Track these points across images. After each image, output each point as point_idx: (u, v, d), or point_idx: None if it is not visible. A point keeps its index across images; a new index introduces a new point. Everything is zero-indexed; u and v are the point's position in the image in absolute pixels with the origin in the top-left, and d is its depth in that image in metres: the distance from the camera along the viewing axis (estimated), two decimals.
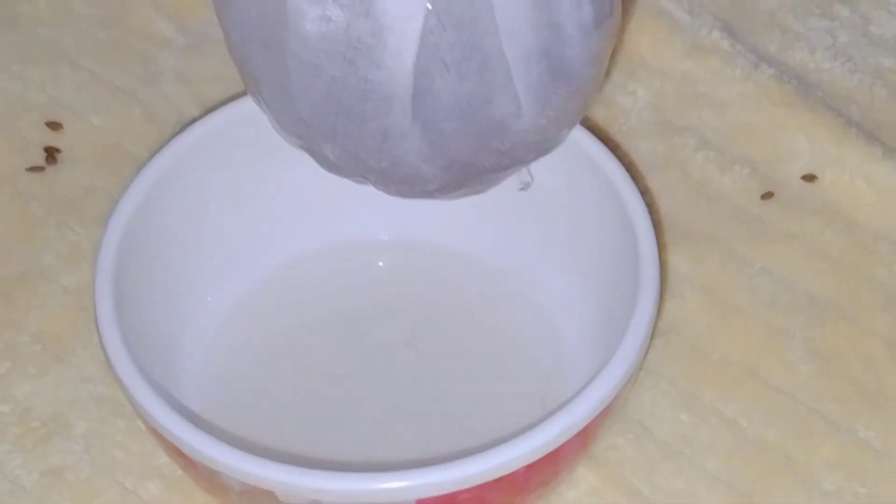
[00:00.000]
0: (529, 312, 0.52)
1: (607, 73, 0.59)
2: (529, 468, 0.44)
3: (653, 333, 0.47)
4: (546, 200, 0.50)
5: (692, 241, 0.54)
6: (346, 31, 0.45)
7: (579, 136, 0.50)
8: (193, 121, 0.52)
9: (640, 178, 0.56)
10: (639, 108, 0.58)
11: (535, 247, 0.52)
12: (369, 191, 0.49)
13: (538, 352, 0.51)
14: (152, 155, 0.51)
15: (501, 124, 0.47)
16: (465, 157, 0.47)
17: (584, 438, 0.45)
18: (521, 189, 0.50)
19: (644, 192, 0.54)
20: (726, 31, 0.60)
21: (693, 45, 0.59)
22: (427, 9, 0.44)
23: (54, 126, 0.58)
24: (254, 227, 0.52)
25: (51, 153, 0.57)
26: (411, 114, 0.46)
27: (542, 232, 0.51)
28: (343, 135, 0.46)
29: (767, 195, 0.56)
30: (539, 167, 0.50)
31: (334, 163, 0.48)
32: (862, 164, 0.56)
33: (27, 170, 0.56)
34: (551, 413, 0.44)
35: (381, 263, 0.53)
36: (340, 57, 0.45)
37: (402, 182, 0.48)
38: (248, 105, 0.49)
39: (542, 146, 0.48)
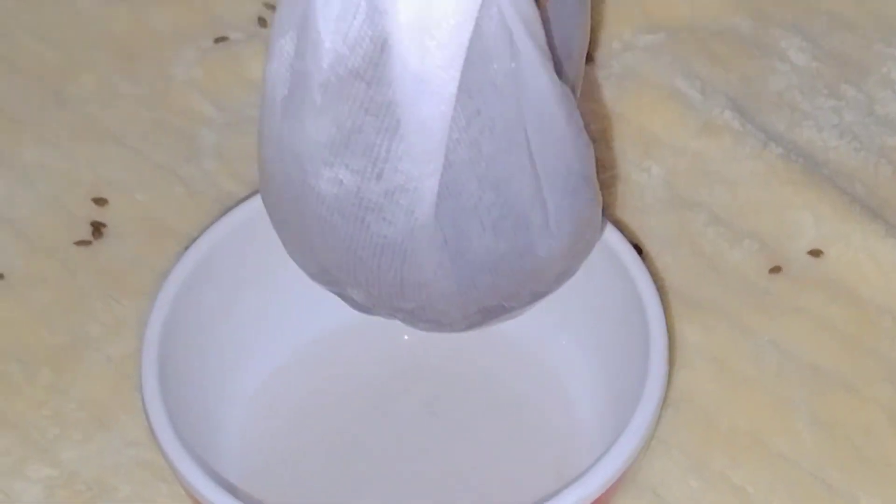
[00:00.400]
0: (545, 384, 0.53)
1: (623, 152, 0.60)
2: None
3: (664, 403, 0.48)
4: None
5: (703, 313, 0.55)
6: (357, 193, 0.44)
7: None
8: (234, 200, 0.53)
9: (652, 251, 0.56)
10: (653, 185, 0.58)
11: (551, 321, 0.53)
12: None
13: (554, 422, 0.52)
14: (198, 235, 0.51)
15: (538, 270, 0.46)
16: (497, 302, 0.47)
17: None
18: None
19: (655, 267, 0.55)
20: (737, 110, 0.60)
21: (705, 124, 0.60)
22: (441, 167, 0.43)
23: (100, 202, 0.58)
24: (288, 302, 0.53)
25: (97, 228, 0.57)
26: (434, 265, 0.45)
27: (558, 308, 0.52)
28: (365, 282, 0.46)
29: (775, 269, 0.56)
30: None
31: (362, 304, 0.48)
32: (866, 240, 0.56)
33: (75, 244, 0.57)
34: (568, 484, 0.45)
35: (406, 337, 0.53)
36: (353, 216, 0.45)
37: (429, 321, 0.48)
38: None
39: (568, 274, 0.48)
